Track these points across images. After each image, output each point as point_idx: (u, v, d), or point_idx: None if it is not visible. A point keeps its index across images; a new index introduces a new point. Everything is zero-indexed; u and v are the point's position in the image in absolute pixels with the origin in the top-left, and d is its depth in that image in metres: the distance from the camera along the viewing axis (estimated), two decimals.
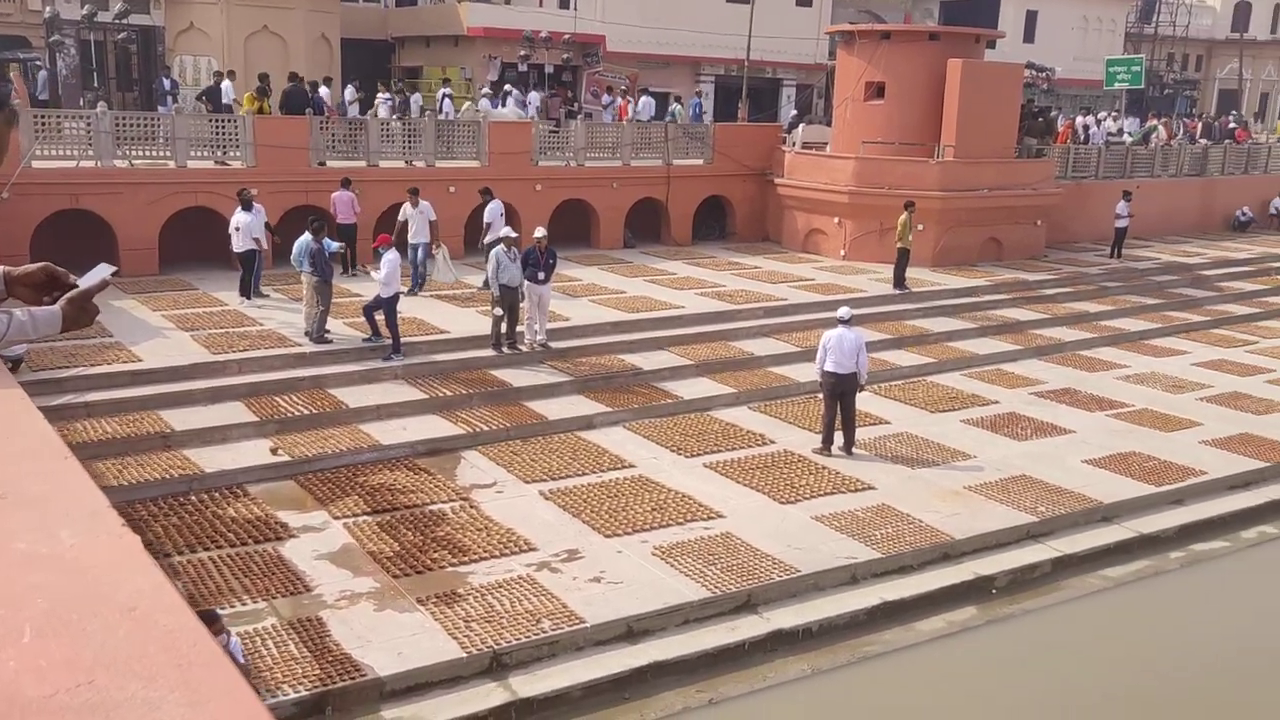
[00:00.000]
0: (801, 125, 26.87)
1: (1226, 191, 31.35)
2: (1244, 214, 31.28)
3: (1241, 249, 27.93)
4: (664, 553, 10.19)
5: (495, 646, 8.43)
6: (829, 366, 12.75)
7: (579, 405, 14.33)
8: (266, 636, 8.38)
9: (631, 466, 12.48)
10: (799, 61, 39.61)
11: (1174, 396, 16.34)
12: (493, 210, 18.64)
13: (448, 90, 27.69)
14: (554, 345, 15.85)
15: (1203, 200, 30.76)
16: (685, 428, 13.91)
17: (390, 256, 14.50)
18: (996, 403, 15.64)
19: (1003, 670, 9.47)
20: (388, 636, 8.50)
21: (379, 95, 25.91)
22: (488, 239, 17.48)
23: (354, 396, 13.66)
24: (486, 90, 27.51)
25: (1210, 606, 10.77)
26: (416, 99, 27.71)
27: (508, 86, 27.72)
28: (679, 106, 28.79)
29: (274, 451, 12.07)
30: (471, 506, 11.14)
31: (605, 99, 28.45)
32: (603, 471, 12.26)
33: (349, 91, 24.19)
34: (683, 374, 15.78)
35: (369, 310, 14.84)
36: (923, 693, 9.03)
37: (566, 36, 32.13)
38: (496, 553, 10.05)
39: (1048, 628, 10.07)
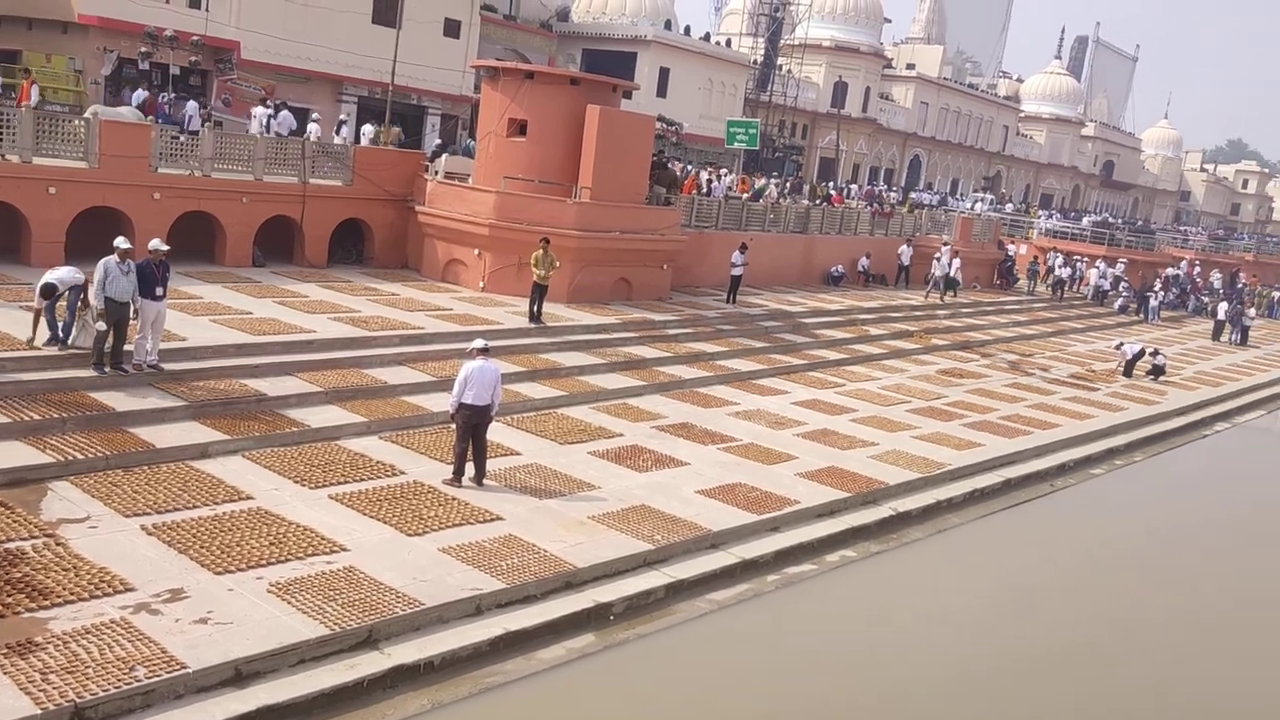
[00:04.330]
0: (445, 155, 26.89)
1: (823, 249, 35.11)
2: (837, 270, 35.21)
3: (834, 301, 31.34)
4: (281, 589, 9.70)
5: (77, 700, 7.59)
6: (468, 399, 12.78)
7: (193, 432, 13.34)
8: None
9: (250, 498, 11.78)
10: (445, 91, 39.74)
11: (775, 432, 17.95)
12: None
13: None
14: (166, 367, 14.66)
15: (805, 256, 34.23)
16: (311, 457, 13.36)
17: None
18: (621, 435, 16.40)
19: (618, 695, 9.87)
20: None
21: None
22: None
23: None
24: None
25: (801, 624, 11.90)
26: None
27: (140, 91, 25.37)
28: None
29: None
30: (58, 544, 9.99)
31: None
32: (217, 504, 11.47)
33: None
34: (311, 401, 15.16)
35: None
36: None
37: (195, 38, 30.17)
38: (85, 595, 9.08)
39: (660, 651, 10.65)
